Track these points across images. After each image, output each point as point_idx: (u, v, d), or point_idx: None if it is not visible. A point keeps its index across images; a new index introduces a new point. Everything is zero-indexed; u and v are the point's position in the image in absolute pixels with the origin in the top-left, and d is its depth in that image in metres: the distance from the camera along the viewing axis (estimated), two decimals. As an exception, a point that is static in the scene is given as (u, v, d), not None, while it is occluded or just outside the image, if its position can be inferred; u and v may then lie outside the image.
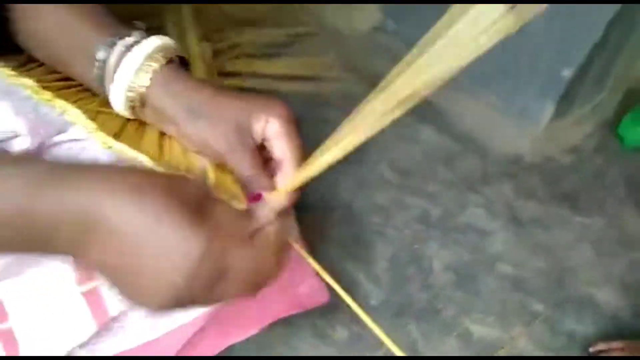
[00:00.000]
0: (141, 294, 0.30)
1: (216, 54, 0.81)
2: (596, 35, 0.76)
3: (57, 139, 0.41)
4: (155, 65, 0.40)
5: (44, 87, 0.42)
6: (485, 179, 0.77)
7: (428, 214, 0.69)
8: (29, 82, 0.42)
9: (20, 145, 0.38)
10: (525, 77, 0.82)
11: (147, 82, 0.40)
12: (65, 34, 0.43)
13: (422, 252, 0.64)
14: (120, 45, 0.40)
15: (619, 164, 0.86)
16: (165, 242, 0.29)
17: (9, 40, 0.47)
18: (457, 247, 0.66)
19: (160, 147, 0.43)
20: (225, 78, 0.79)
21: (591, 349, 0.54)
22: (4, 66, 0.43)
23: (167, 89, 0.40)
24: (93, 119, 0.42)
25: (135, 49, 0.40)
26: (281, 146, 0.39)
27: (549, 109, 0.82)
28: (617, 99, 0.95)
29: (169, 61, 0.41)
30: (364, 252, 0.62)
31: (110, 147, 0.40)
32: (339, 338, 0.52)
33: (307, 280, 0.44)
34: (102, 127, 0.41)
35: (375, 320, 0.56)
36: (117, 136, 0.42)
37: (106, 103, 0.44)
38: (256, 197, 0.39)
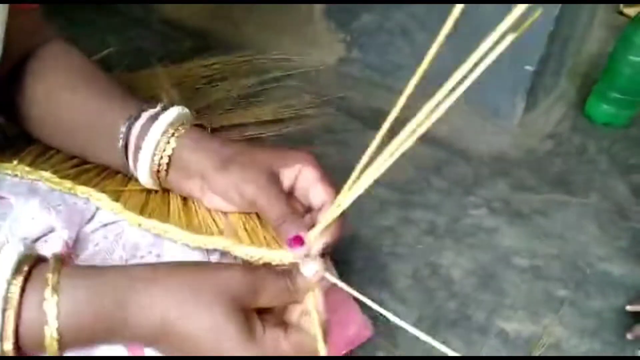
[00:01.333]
0: None
1: (199, 112, 0.82)
2: (548, 30, 0.80)
3: (88, 228, 0.41)
4: (180, 131, 0.41)
5: (62, 176, 0.43)
6: (478, 181, 0.79)
7: (434, 224, 0.71)
8: (46, 174, 0.43)
9: (58, 239, 0.38)
10: (492, 79, 0.86)
11: (174, 144, 0.41)
12: (86, 115, 0.43)
13: (438, 262, 0.65)
14: (144, 117, 0.41)
15: (594, 140, 0.90)
16: (224, 348, 0.33)
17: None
18: (470, 251, 0.67)
19: (187, 213, 0.43)
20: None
21: (629, 307, 0.56)
22: (20, 162, 0.43)
23: (196, 146, 0.41)
24: (117, 199, 0.42)
25: (161, 117, 0.41)
26: (320, 192, 0.40)
27: (520, 104, 0.86)
28: (575, 83, 1.00)
29: (191, 128, 0.42)
30: (383, 274, 0.63)
31: (140, 225, 0.40)
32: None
33: (354, 319, 0.44)
34: (127, 205, 0.41)
35: (414, 338, 0.57)
36: (143, 211, 0.42)
37: (126, 181, 0.45)
38: (295, 240, 0.39)
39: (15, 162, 0.44)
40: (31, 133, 0.48)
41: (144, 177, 0.42)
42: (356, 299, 0.50)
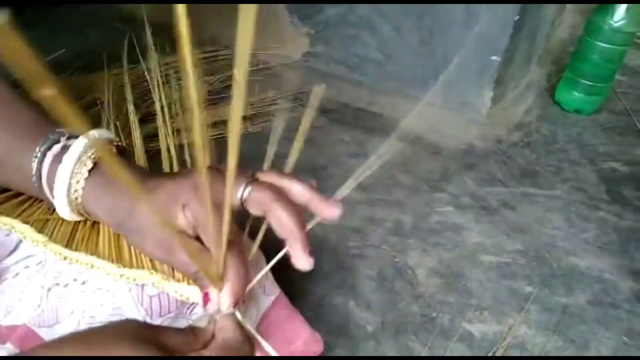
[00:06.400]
0: None
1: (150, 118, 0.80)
2: (513, 18, 0.79)
3: (9, 260, 0.39)
4: (84, 172, 0.38)
5: (-18, 206, 0.40)
6: (446, 176, 0.78)
7: (400, 223, 0.70)
8: (-37, 205, 0.40)
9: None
10: (458, 71, 0.84)
11: (81, 192, 0.38)
12: None
13: (404, 263, 0.64)
14: (49, 157, 0.38)
15: (564, 128, 0.90)
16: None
17: None
18: (436, 250, 0.66)
19: (117, 240, 0.41)
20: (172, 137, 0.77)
21: None
22: None
23: (98, 203, 0.38)
24: (41, 229, 0.40)
25: (65, 157, 0.38)
26: (199, 226, 0.36)
27: (488, 95, 0.85)
28: (546, 70, 0.99)
29: (94, 165, 0.39)
30: (349, 278, 0.62)
31: (65, 258, 0.39)
32: (346, 373, 0.51)
33: (301, 335, 0.43)
34: (53, 236, 0.39)
35: (376, 346, 0.56)
36: (70, 241, 0.40)
37: (51, 208, 0.42)
38: (206, 295, 0.36)
39: None
40: None
41: (65, 214, 0.40)
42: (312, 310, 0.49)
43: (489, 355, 0.54)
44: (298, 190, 0.37)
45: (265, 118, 0.86)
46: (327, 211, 0.36)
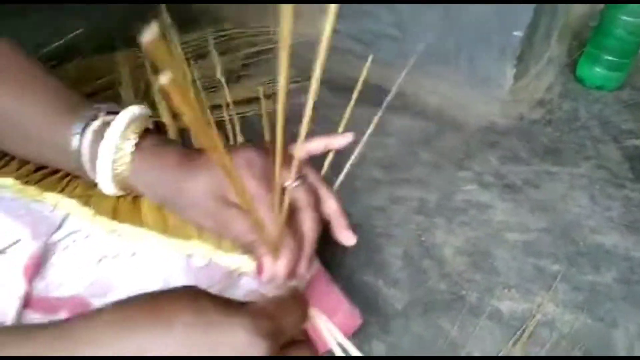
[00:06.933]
0: None
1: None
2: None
3: (55, 237, 0.39)
4: (128, 147, 0.38)
5: (26, 182, 0.40)
6: (469, 153, 0.78)
7: (425, 202, 0.70)
8: (8, 181, 0.41)
9: (24, 251, 0.36)
10: (480, 47, 0.83)
11: (127, 169, 0.38)
12: (35, 125, 0.41)
13: (430, 242, 0.64)
14: (90, 133, 0.39)
15: (586, 105, 0.89)
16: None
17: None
18: (462, 228, 0.66)
19: (160, 214, 0.42)
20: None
21: None
22: (-25, 172, 0.41)
23: (141, 179, 0.38)
24: (86, 203, 0.40)
25: (107, 133, 0.38)
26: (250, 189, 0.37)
27: (510, 72, 0.84)
28: (566, 45, 0.98)
29: (141, 136, 0.39)
30: (377, 256, 0.62)
31: (114, 231, 0.39)
32: (379, 351, 0.52)
33: (340, 309, 0.43)
34: (98, 210, 0.40)
35: (406, 323, 0.56)
36: (114, 216, 0.40)
37: (91, 184, 0.42)
38: (260, 267, 0.37)
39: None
40: None
41: (109, 190, 0.40)
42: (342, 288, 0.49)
43: (519, 332, 0.55)
44: (331, 205, 0.39)
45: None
46: (344, 238, 0.39)
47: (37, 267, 0.36)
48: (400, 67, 0.87)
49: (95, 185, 0.41)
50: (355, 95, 0.44)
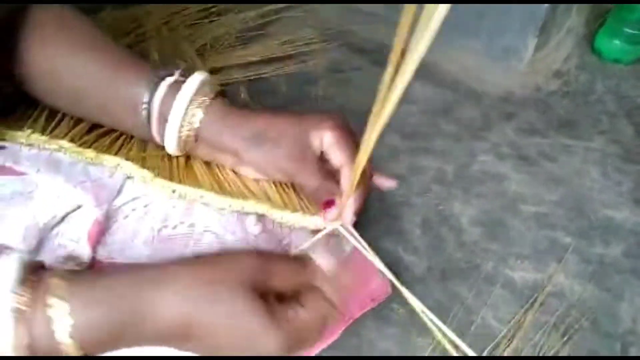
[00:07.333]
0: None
1: (198, 51, 0.79)
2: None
3: (116, 202, 0.41)
4: (206, 101, 0.40)
5: (81, 144, 0.42)
6: (486, 124, 0.79)
7: (444, 172, 0.71)
8: (65, 144, 0.42)
9: (87, 217, 0.38)
10: (503, 17, 0.83)
11: (201, 118, 0.40)
12: (99, 84, 0.42)
13: (448, 211, 0.67)
14: (164, 86, 0.40)
15: (602, 78, 0.89)
16: (247, 337, 0.33)
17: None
18: (478, 199, 0.68)
19: (215, 177, 0.43)
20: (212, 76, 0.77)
21: None
22: (32, 132, 0.42)
23: (223, 123, 0.41)
24: (143, 166, 0.42)
25: (184, 87, 0.40)
26: (336, 154, 0.41)
27: (532, 43, 0.84)
28: (584, 17, 0.97)
29: (215, 96, 0.41)
30: (397, 224, 0.64)
31: (173, 191, 0.41)
32: (401, 317, 0.55)
33: (374, 278, 0.46)
34: (155, 170, 0.41)
35: (424, 289, 0.59)
36: (171, 177, 0.42)
37: (143, 145, 0.44)
38: (329, 203, 0.41)
39: (28, 130, 0.43)
40: (32, 95, 0.46)
41: (172, 148, 0.42)
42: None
43: (530, 302, 0.58)
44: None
45: (302, 58, 0.86)
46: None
47: (100, 233, 0.38)
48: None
49: (146, 146, 0.43)
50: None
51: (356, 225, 0.62)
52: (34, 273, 0.31)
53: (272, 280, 0.35)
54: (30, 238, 0.36)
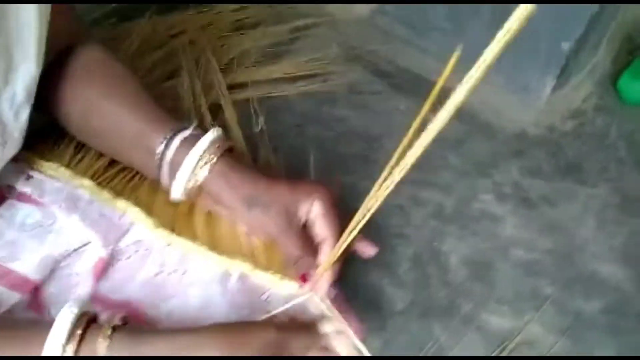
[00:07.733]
0: None
1: (227, 64, 0.83)
2: (593, 8, 0.77)
3: (122, 243, 0.46)
4: (213, 159, 0.45)
5: (100, 182, 0.47)
6: (494, 161, 0.81)
7: (443, 207, 0.75)
8: (87, 182, 0.47)
9: (94, 254, 0.44)
10: (526, 54, 0.84)
11: (205, 175, 0.45)
12: (123, 128, 0.47)
13: (440, 248, 0.70)
14: (177, 140, 0.45)
15: (618, 122, 0.89)
16: None
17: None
18: (472, 238, 0.71)
19: (211, 225, 0.49)
20: (234, 91, 0.81)
21: None
22: (60, 166, 0.48)
23: (226, 180, 0.46)
24: (149, 213, 0.47)
25: (197, 145, 0.45)
26: (321, 227, 0.46)
27: (551, 82, 0.85)
28: (611, 56, 0.97)
29: (223, 153, 0.46)
30: (388, 256, 0.68)
31: (169, 245, 0.46)
32: (373, 346, 0.60)
33: (352, 323, 0.51)
34: (159, 218, 0.47)
35: (403, 322, 0.64)
36: (172, 227, 0.47)
37: (155, 185, 0.49)
38: (302, 278, 0.45)
39: (55, 164, 0.49)
40: (64, 128, 0.52)
41: (177, 196, 0.47)
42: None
43: (500, 348, 0.62)
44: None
45: (324, 77, 0.88)
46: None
47: (104, 271, 0.44)
48: (445, 61, 0.88)
49: (156, 186, 0.48)
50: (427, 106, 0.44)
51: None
52: (82, 326, 0.35)
53: (288, 350, 0.40)
54: (44, 268, 0.42)
